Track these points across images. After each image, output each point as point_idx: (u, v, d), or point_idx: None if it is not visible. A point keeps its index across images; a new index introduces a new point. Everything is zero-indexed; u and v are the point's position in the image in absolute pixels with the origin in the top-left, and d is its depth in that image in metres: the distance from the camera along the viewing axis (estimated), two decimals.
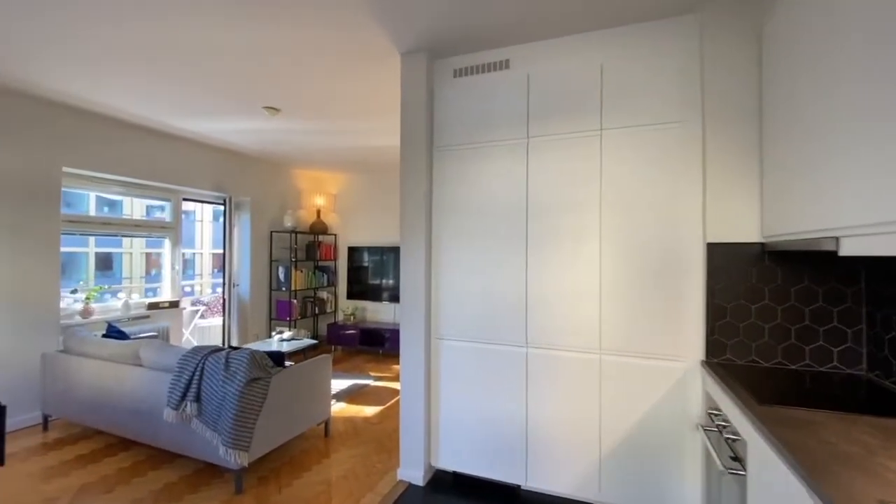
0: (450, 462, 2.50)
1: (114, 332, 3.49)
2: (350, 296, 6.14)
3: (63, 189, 3.58)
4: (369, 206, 6.20)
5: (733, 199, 1.99)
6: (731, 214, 1.99)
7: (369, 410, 3.70)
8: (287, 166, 5.79)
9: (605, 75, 2.19)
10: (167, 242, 4.67)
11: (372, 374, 4.80)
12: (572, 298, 2.22)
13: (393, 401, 3.92)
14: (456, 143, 2.48)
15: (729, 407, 1.59)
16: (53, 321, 3.45)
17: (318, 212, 6.13)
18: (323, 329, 6.22)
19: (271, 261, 5.61)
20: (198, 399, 2.47)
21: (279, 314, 5.55)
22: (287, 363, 3.31)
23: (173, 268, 4.68)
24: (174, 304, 4.55)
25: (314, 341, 4.38)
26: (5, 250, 3.16)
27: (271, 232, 5.60)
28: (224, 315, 4.96)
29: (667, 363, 2.08)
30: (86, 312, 3.77)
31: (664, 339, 2.08)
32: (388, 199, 6.02)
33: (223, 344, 4.97)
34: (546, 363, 2.27)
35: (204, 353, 2.58)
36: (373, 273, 6.04)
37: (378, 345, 5.57)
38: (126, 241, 7.65)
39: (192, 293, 7.56)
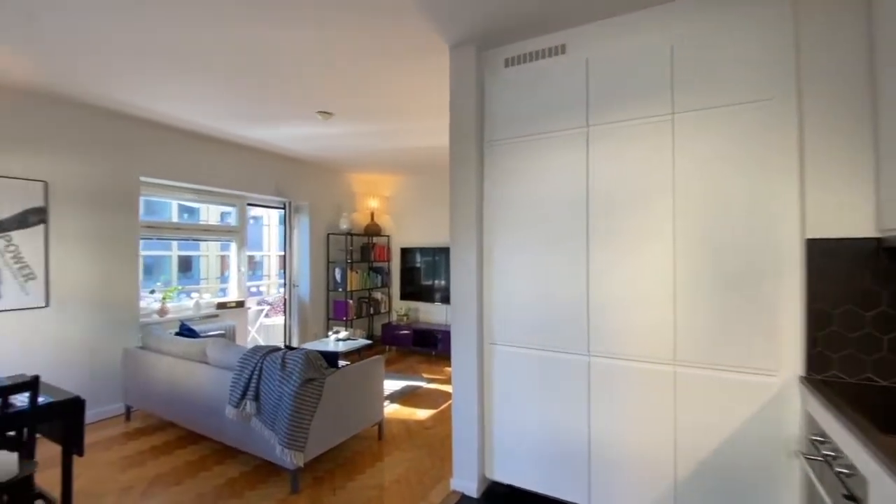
0: (505, 475, 2.37)
1: (185, 331, 3.72)
2: (403, 296, 6.17)
3: (146, 198, 3.89)
4: (421, 207, 6.19)
5: (839, 187, 1.68)
6: (835, 205, 1.69)
7: (422, 413, 3.65)
8: (342, 171, 5.93)
9: (676, 52, 1.95)
10: (233, 245, 4.94)
11: (425, 375, 4.77)
12: (640, 304, 2.01)
13: (446, 404, 3.84)
14: (508, 136, 2.34)
15: (840, 434, 1.32)
16: (134, 319, 3.74)
17: (372, 214, 6.22)
18: (378, 329, 6.31)
19: (328, 262, 5.77)
20: (256, 398, 2.54)
21: (336, 314, 5.69)
22: (342, 363, 3.35)
23: (239, 269, 4.94)
24: (240, 304, 4.80)
25: (369, 342, 4.42)
26: (91, 254, 3.47)
27: (328, 234, 5.76)
28: (285, 314, 5.16)
29: (756, 378, 1.80)
30: (162, 311, 4.07)
31: (752, 351, 1.81)
32: (440, 200, 5.98)
33: (285, 342, 5.18)
34: (611, 374, 2.07)
35: (262, 353, 2.65)
36: (425, 274, 6.03)
37: (431, 346, 5.54)
38: (203, 244, 8.29)
39: (260, 293, 8.01)
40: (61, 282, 3.28)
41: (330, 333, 4.43)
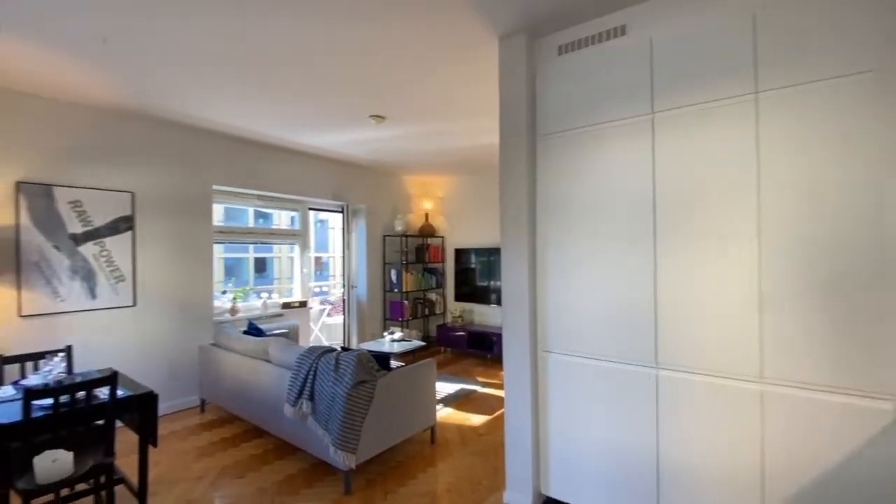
0: (562, 491, 2.21)
1: (253, 329, 3.93)
2: (458, 298, 6.12)
3: (226, 205, 4.18)
4: (475, 207, 6.10)
5: None
6: None
7: (476, 419, 3.56)
8: (396, 173, 6.00)
9: (759, 21, 1.69)
10: (296, 248, 5.18)
11: (480, 379, 4.67)
12: (717, 312, 1.76)
13: (500, 411, 3.72)
14: (562, 129, 2.18)
15: None
16: (208, 318, 4.03)
17: (427, 215, 6.24)
18: (433, 330, 6.31)
19: (384, 263, 5.87)
20: (312, 398, 2.60)
21: (392, 314, 5.77)
22: (396, 363, 3.35)
23: (302, 271, 5.16)
24: (302, 304, 5.01)
25: (423, 343, 4.42)
26: (171, 258, 3.78)
27: (384, 236, 5.85)
28: (344, 314, 5.33)
29: (864, 402, 1.51)
30: (233, 311, 4.35)
31: (857, 369, 1.51)
32: (495, 200, 5.85)
33: (344, 341, 5.34)
34: (682, 389, 1.84)
35: (317, 354, 2.71)
36: (480, 275, 5.93)
37: (486, 349, 5.43)
38: (276, 247, 8.89)
39: (326, 294, 8.38)
40: (146, 283, 3.60)
41: (385, 334, 4.48)
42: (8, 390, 2.11)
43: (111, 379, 1.95)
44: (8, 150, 2.95)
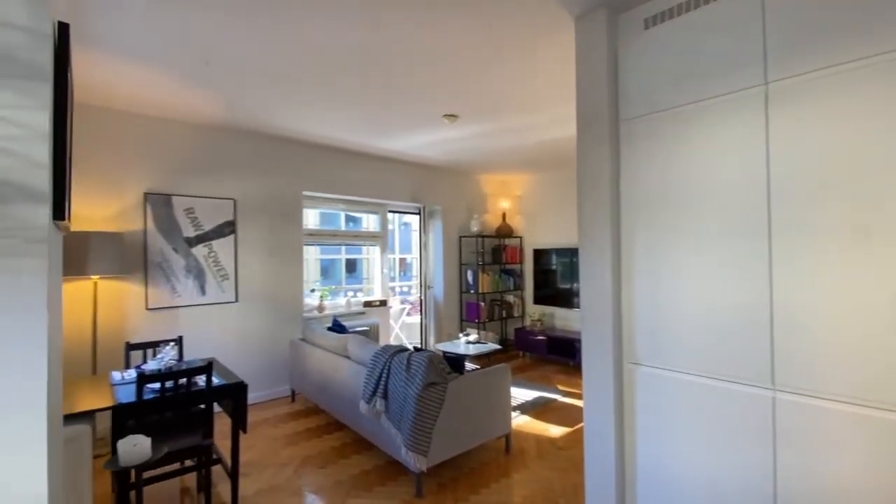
0: None
1: (336, 326, 4.14)
2: (537, 300, 5.88)
3: (318, 210, 4.49)
4: (554, 205, 5.82)
5: None
6: None
7: (556, 430, 3.34)
8: (472, 173, 5.95)
9: None
10: (377, 250, 5.37)
11: (560, 387, 4.41)
12: (857, 324, 1.41)
13: (582, 424, 3.45)
14: (648, 110, 1.93)
15: None
16: (298, 314, 4.33)
17: (504, 215, 6.10)
18: (511, 333, 6.14)
19: (460, 264, 5.84)
20: (385, 396, 2.63)
21: (469, 316, 5.72)
22: (471, 366, 3.28)
23: (382, 271, 5.34)
24: (383, 303, 5.18)
25: (498, 346, 4.29)
26: (266, 258, 4.12)
27: (460, 237, 5.83)
28: (421, 314, 5.40)
29: None
30: (320, 308, 4.63)
31: None
32: (575, 197, 5.52)
33: (421, 341, 5.42)
34: (808, 418, 1.51)
35: (391, 353, 2.73)
36: (561, 277, 5.63)
37: (568, 355, 5.13)
38: (364, 248, 9.47)
39: (409, 293, 8.65)
40: (245, 281, 3.97)
41: (461, 335, 4.44)
42: (132, 373, 2.43)
43: (207, 368, 2.14)
44: (139, 166, 3.43)
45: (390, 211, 5.45)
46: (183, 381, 2.09)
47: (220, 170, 3.84)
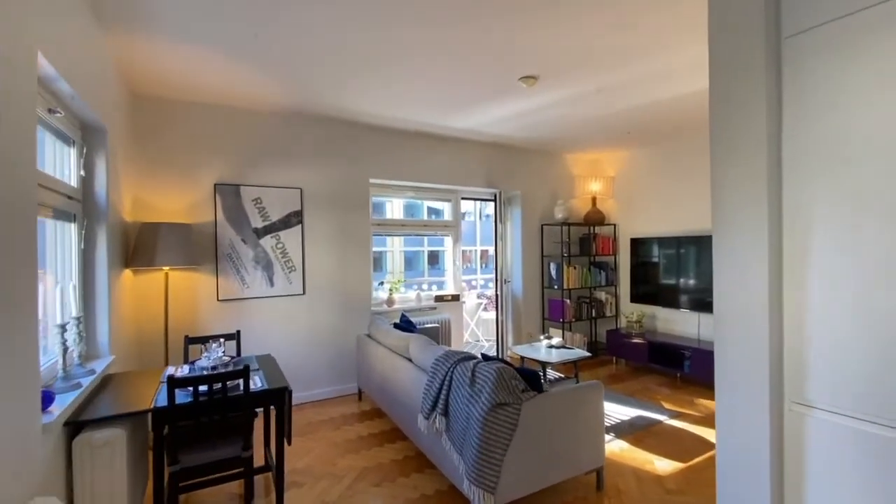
0: None
1: (404, 322, 3.84)
2: (634, 298, 5.05)
3: (383, 199, 4.24)
4: (658, 186, 4.91)
5: None
6: None
7: (662, 464, 2.66)
8: (557, 152, 5.26)
9: None
10: (448, 240, 4.98)
11: (666, 405, 3.64)
12: None
13: (702, 458, 2.72)
14: (837, 13, 1.22)
15: None
16: (366, 308, 4.11)
17: (594, 199, 5.33)
18: (602, 335, 5.38)
19: (542, 256, 5.22)
20: (446, 413, 2.21)
21: (552, 314, 5.10)
22: (553, 374, 2.74)
23: (454, 263, 4.95)
24: (455, 298, 4.79)
25: (587, 354, 3.65)
26: (333, 249, 3.95)
27: (542, 225, 5.21)
28: (497, 311, 4.91)
29: None
30: (389, 302, 4.38)
31: None
32: (686, 174, 4.58)
33: (497, 341, 4.93)
34: None
35: (454, 361, 2.31)
36: (664, 271, 4.74)
37: (674, 365, 4.28)
38: (446, 239, 9.25)
39: (487, 286, 8.22)
40: (313, 273, 3.83)
41: (542, 337, 3.87)
42: (185, 370, 2.31)
43: (244, 372, 1.90)
44: (209, 157, 3.41)
45: (463, 198, 5.01)
46: (219, 384, 1.87)
47: (285, 158, 3.72)
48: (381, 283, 4.52)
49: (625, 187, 5.30)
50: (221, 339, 2.45)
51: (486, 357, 2.39)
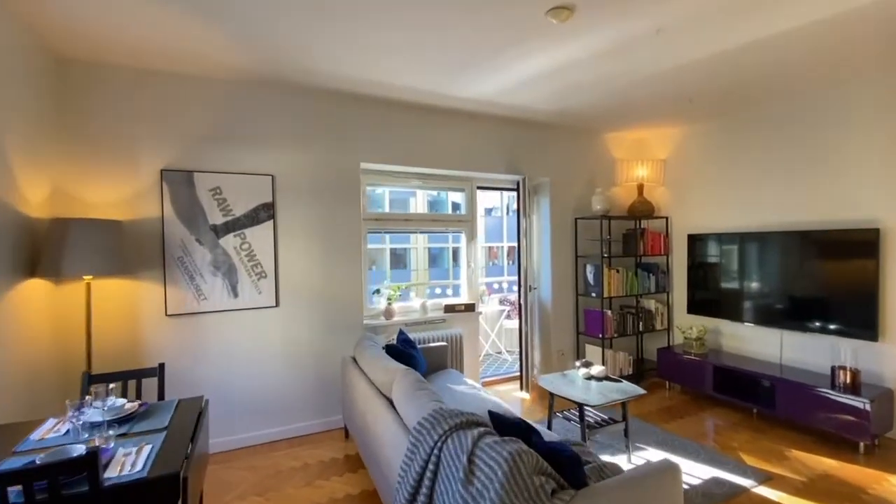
0: None
1: (401, 341, 3.06)
2: (692, 308, 4.07)
3: (383, 188, 3.48)
4: (723, 169, 3.90)
5: None
6: None
7: None
8: (595, 131, 4.32)
9: None
10: (463, 238, 4.16)
11: (747, 459, 2.70)
12: None
13: None
14: None
15: None
16: (357, 322, 3.35)
17: (640, 187, 4.37)
18: (651, 352, 4.43)
19: (576, 257, 4.31)
20: None
21: (588, 328, 4.19)
22: (590, 415, 1.88)
23: (469, 265, 4.12)
24: (469, 308, 3.96)
25: (639, 391, 2.74)
26: (316, 250, 3.20)
27: (576, 219, 4.29)
28: (520, 322, 4.05)
29: None
30: (388, 313, 3.60)
31: None
32: (763, 152, 3.57)
33: (521, 364, 4.06)
34: None
35: (445, 430, 1.49)
36: (735, 276, 3.75)
37: (749, 397, 3.32)
38: (460, 237, 8.42)
39: (511, 290, 7.36)
40: (289, 280, 3.10)
41: (577, 364, 3.00)
42: (64, 426, 1.61)
43: (88, 462, 1.15)
44: (155, 136, 2.72)
45: (480, 188, 4.17)
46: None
47: (253, 138, 2.99)
48: (378, 291, 3.75)
49: (679, 172, 4.30)
50: (140, 379, 1.71)
51: (496, 420, 1.57)
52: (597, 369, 2.88)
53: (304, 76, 2.85)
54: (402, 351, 2.88)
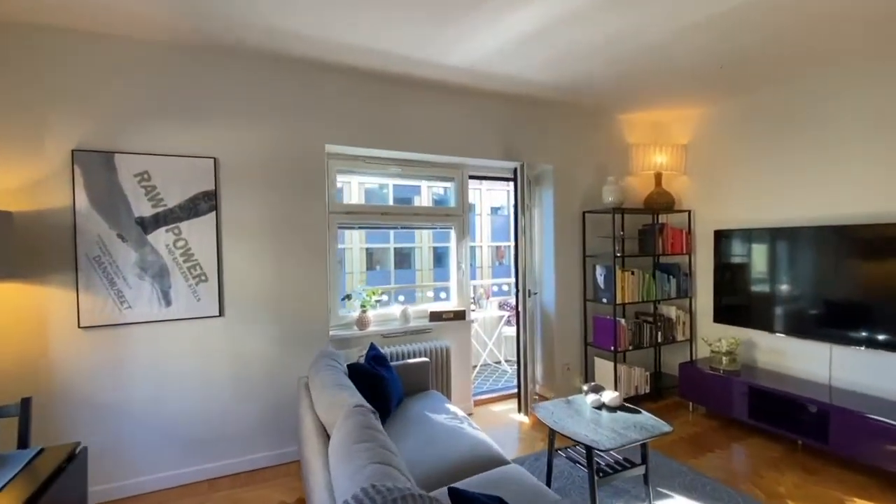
0: None
1: (371, 357, 2.54)
2: (720, 316, 3.48)
3: (355, 176, 2.97)
4: (756, 154, 3.30)
5: None
6: None
7: None
8: (605, 111, 3.75)
9: None
10: (452, 235, 3.61)
11: None
12: None
13: None
14: None
15: None
16: (323, 333, 2.83)
17: (659, 177, 3.79)
18: (670, 366, 3.85)
19: (584, 256, 3.74)
20: None
21: (598, 339, 3.62)
22: (600, 457, 1.34)
23: (459, 267, 3.58)
24: (459, 316, 3.42)
25: (666, 428, 2.16)
26: (274, 249, 2.68)
27: (583, 213, 3.73)
28: (518, 332, 3.49)
29: None
30: (361, 323, 3.07)
31: None
32: (805, 133, 2.97)
33: (518, 382, 3.50)
34: None
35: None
36: (771, 278, 3.16)
37: (792, 426, 2.74)
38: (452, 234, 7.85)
39: (506, 293, 6.81)
40: (236, 285, 2.59)
41: (584, 388, 2.44)
42: None
43: None
44: (64, 109, 2.23)
45: (472, 176, 3.62)
46: None
47: (190, 113, 2.48)
48: (349, 297, 3.21)
49: (704, 159, 3.71)
50: None
51: (455, 495, 1.03)
52: (609, 396, 2.32)
53: (251, 37, 2.32)
54: (369, 372, 2.35)
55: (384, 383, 2.35)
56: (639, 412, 2.26)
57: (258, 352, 2.65)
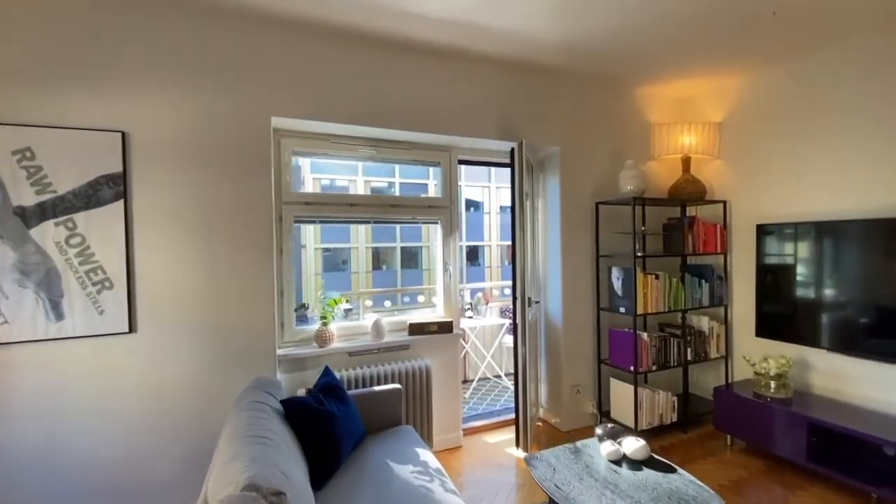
0: None
1: (322, 386, 2.00)
2: (764, 329, 2.85)
3: (316, 159, 2.42)
4: (811, 128, 2.66)
5: None
6: None
7: None
8: (622, 81, 3.12)
9: None
10: (438, 230, 3.03)
11: None
12: None
13: None
14: None
15: None
16: (268, 352, 2.28)
17: (687, 161, 3.16)
18: (702, 388, 3.22)
19: (597, 256, 3.13)
20: None
21: (614, 356, 3.01)
22: None
23: (446, 270, 3.00)
24: (445, 328, 2.84)
25: (703, 490, 1.55)
26: (204, 248, 2.13)
27: (597, 204, 3.11)
28: (516, 348, 2.89)
29: None
30: (321, 339, 2.51)
31: None
32: (878, 100, 2.32)
33: (519, 399, 2.90)
34: None
35: None
36: (827, 284, 2.52)
37: (866, 473, 2.10)
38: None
39: (506, 296, 6.20)
40: (153, 293, 2.04)
41: (598, 431, 1.85)
42: None
43: None
44: None
45: (462, 161, 3.04)
46: None
47: (91, 73, 1.94)
48: (302, 307, 2.65)
49: (742, 139, 3.07)
50: None
51: None
52: (631, 445, 1.72)
53: None
54: (312, 410, 1.78)
55: (332, 424, 1.78)
56: (673, 470, 1.66)
57: (183, 378, 2.10)
